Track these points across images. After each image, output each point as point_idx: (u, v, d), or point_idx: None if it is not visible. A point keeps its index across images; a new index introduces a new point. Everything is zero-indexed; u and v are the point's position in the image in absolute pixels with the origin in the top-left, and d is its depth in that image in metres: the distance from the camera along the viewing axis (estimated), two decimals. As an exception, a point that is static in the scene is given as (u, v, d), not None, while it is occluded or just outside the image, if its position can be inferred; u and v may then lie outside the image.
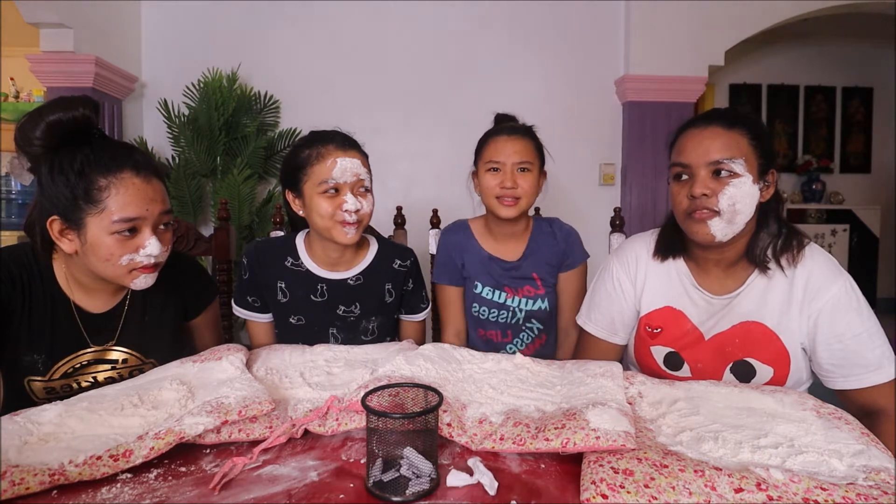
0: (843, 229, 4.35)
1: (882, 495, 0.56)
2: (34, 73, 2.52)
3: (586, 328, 1.16)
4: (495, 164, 1.25)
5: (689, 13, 2.83)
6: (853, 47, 4.61)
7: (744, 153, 0.92)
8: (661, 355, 1.06)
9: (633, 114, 2.90)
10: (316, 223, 1.11)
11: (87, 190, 0.84)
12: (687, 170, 0.96)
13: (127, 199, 0.86)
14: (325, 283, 1.18)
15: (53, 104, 0.84)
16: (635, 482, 0.58)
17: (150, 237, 0.89)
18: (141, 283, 0.92)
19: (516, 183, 1.23)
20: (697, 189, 0.93)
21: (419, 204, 2.73)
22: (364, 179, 1.11)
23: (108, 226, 0.85)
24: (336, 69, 2.88)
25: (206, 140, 2.57)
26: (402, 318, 1.29)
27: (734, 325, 0.99)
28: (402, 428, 0.62)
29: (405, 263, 1.24)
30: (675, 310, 1.05)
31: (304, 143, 1.12)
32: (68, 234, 0.87)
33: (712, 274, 1.03)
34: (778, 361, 0.96)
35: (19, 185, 2.80)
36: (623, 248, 1.16)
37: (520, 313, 1.33)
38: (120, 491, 0.61)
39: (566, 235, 1.35)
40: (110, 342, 0.98)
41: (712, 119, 0.96)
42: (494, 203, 1.26)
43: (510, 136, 1.26)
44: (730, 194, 0.91)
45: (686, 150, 0.96)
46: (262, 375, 0.93)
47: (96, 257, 0.87)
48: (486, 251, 1.34)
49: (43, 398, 0.94)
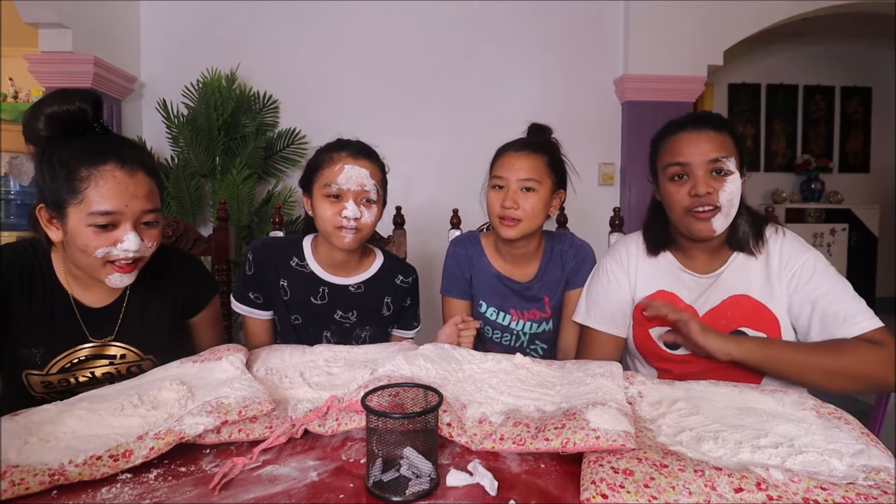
0: (842, 229, 4.36)
1: (882, 495, 0.56)
2: (33, 73, 2.51)
3: (587, 324, 1.18)
4: (499, 180, 1.19)
5: (688, 13, 2.83)
6: (852, 47, 4.62)
7: (732, 152, 1.02)
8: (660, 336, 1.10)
9: (633, 113, 2.90)
10: (319, 226, 1.14)
11: (69, 179, 0.85)
12: (685, 168, 1.02)
13: (105, 192, 0.85)
14: (328, 287, 1.19)
15: (52, 97, 0.86)
16: (635, 482, 0.58)
17: (128, 232, 0.88)
18: (115, 282, 0.91)
19: (517, 203, 1.16)
20: (702, 188, 1.00)
21: (419, 204, 2.73)
22: (369, 191, 1.11)
23: (85, 217, 0.85)
24: (335, 69, 2.88)
25: (205, 140, 2.57)
26: (394, 333, 1.29)
27: (723, 299, 1.06)
28: (401, 428, 0.62)
29: (407, 280, 1.26)
30: (667, 292, 1.11)
31: (325, 147, 1.15)
32: (55, 222, 0.88)
33: (698, 259, 1.11)
34: (769, 328, 1.03)
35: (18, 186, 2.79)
36: (614, 246, 1.23)
37: (524, 336, 1.29)
38: (120, 491, 0.61)
39: (577, 252, 1.28)
40: (109, 337, 0.98)
41: (704, 122, 1.04)
42: (496, 222, 1.20)
43: (518, 151, 1.19)
44: (729, 190, 1.00)
45: (683, 150, 1.02)
46: (262, 375, 0.93)
47: (75, 247, 0.87)
48: (496, 269, 1.29)
49: (41, 392, 0.94)
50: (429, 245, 2.67)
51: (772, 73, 4.64)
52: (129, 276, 0.92)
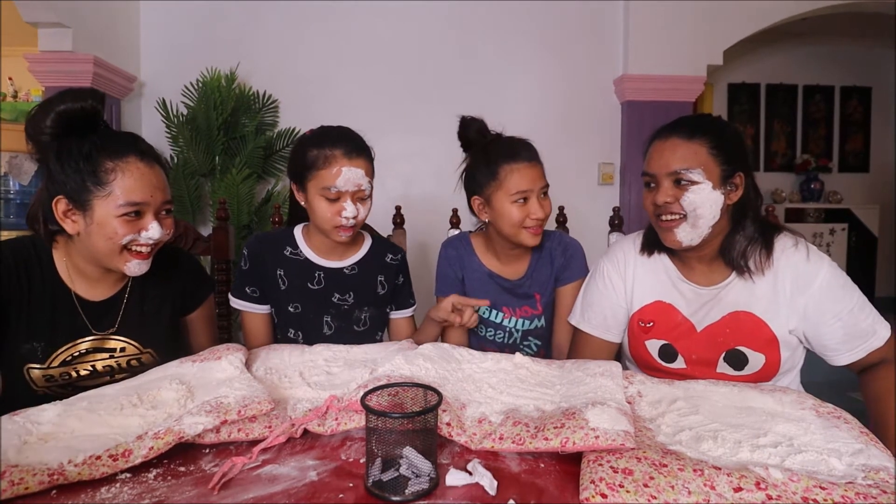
0: (842, 228, 4.36)
1: (881, 494, 0.56)
2: (32, 72, 2.51)
3: (580, 327, 1.18)
4: (523, 193, 1.16)
5: (687, 13, 2.83)
6: (852, 47, 4.62)
7: (702, 162, 0.97)
8: (656, 348, 1.09)
9: (632, 113, 2.90)
10: (315, 222, 1.16)
11: (95, 172, 0.88)
12: (652, 179, 1.02)
13: (132, 184, 0.90)
14: (323, 272, 1.22)
15: (63, 95, 0.88)
16: (634, 481, 0.58)
17: (152, 221, 0.93)
18: (134, 269, 0.94)
19: (545, 211, 1.17)
20: (660, 197, 0.99)
21: (418, 203, 2.73)
22: (365, 189, 1.14)
23: (115, 208, 0.89)
24: (335, 69, 2.88)
25: (205, 140, 2.57)
26: (393, 316, 1.32)
27: (724, 315, 1.03)
28: (401, 427, 0.62)
29: (396, 257, 1.30)
30: (665, 303, 1.09)
31: (314, 142, 1.13)
32: (73, 214, 0.90)
33: (696, 269, 1.08)
34: (768, 348, 1.00)
35: (18, 185, 2.79)
36: (612, 248, 1.21)
37: (516, 333, 1.31)
38: (119, 491, 0.61)
39: (565, 249, 1.29)
40: (110, 330, 1.00)
41: (673, 130, 1.01)
42: (521, 233, 1.18)
43: (530, 161, 1.18)
44: (689, 199, 0.97)
45: (651, 160, 1.03)
46: (262, 375, 0.93)
47: (100, 236, 0.90)
48: (487, 268, 1.31)
49: (42, 386, 0.96)
50: (429, 245, 2.67)
51: (772, 73, 4.64)
52: (146, 263, 0.96)
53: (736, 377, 1.01)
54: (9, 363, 0.95)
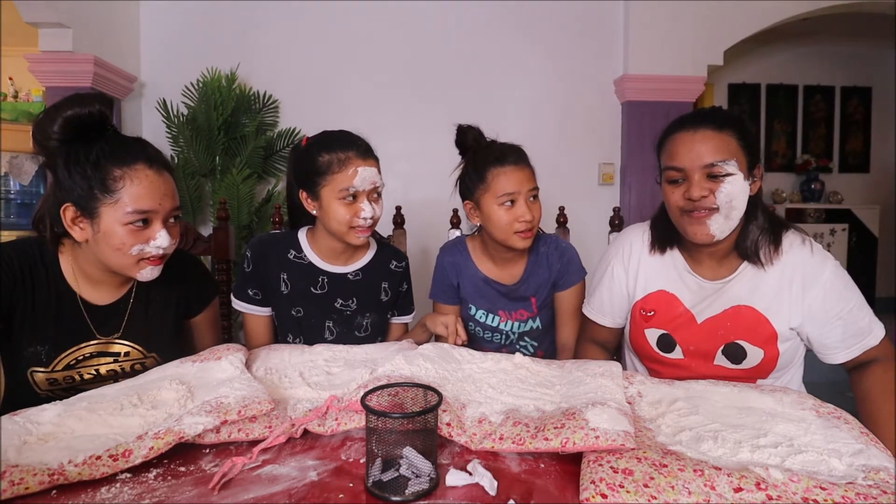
0: (842, 229, 4.35)
1: (881, 494, 0.56)
2: (33, 72, 2.51)
3: (584, 311, 1.25)
4: (510, 195, 1.16)
5: (688, 13, 2.83)
6: (852, 47, 4.61)
7: (734, 153, 0.96)
8: (655, 338, 1.09)
9: (633, 113, 2.90)
10: (331, 226, 1.14)
11: (103, 180, 0.87)
12: (681, 174, 0.98)
13: (141, 192, 0.89)
14: (326, 276, 1.22)
15: (70, 100, 0.87)
16: (634, 482, 0.58)
17: (160, 229, 0.92)
18: (147, 275, 0.94)
19: (533, 214, 1.18)
20: (696, 191, 0.96)
21: (418, 204, 2.72)
22: (379, 187, 1.16)
23: (122, 216, 0.88)
24: (335, 69, 2.88)
25: (205, 140, 2.57)
26: (392, 321, 1.32)
27: (726, 308, 1.03)
28: (401, 427, 0.62)
29: (401, 265, 1.30)
30: (668, 293, 1.09)
31: (323, 147, 1.13)
32: (80, 222, 0.89)
33: (705, 263, 1.07)
34: (767, 343, 1.00)
35: (18, 185, 2.79)
36: (620, 235, 1.22)
37: (513, 335, 1.33)
38: (119, 491, 0.61)
39: (562, 254, 1.30)
40: (115, 334, 1.00)
41: (702, 121, 0.98)
42: (511, 237, 1.19)
43: (517, 164, 1.18)
44: (727, 191, 0.95)
45: (679, 154, 0.98)
46: (262, 375, 0.93)
47: (108, 246, 0.89)
48: (482, 273, 1.31)
49: (45, 389, 0.95)
50: (429, 245, 2.67)
51: (772, 73, 4.63)
52: (158, 269, 0.95)
53: (732, 370, 1.02)
54: (13, 366, 0.94)
